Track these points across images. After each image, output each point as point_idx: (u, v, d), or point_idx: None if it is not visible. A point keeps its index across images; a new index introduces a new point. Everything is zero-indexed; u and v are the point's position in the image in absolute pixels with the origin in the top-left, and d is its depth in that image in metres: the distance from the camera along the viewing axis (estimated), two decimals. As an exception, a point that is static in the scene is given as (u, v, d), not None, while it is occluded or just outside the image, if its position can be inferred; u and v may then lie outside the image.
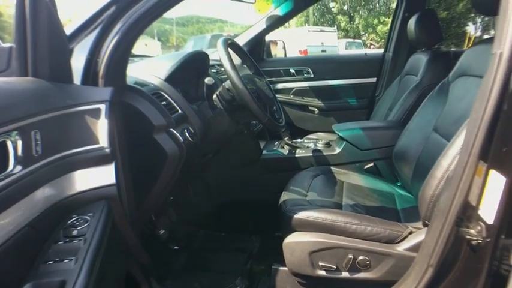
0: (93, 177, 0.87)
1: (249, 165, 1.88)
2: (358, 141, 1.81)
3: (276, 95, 2.73)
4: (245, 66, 1.77)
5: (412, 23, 2.06)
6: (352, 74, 2.74)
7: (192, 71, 1.51)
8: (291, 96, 2.78)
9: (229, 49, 1.45)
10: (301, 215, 1.29)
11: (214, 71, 2.10)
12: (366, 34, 24.34)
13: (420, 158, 1.52)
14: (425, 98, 1.86)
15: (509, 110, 0.83)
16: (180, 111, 1.31)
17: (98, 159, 0.87)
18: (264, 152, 1.90)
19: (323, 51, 13.52)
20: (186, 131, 1.26)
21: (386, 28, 22.15)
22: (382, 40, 22.03)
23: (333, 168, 1.73)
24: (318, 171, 1.70)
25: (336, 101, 2.76)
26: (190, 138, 1.25)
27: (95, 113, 0.89)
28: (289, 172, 1.77)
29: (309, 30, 14.46)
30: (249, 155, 1.86)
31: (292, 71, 2.77)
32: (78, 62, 1.02)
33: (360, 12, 25.27)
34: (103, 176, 0.88)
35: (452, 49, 2.98)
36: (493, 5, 1.05)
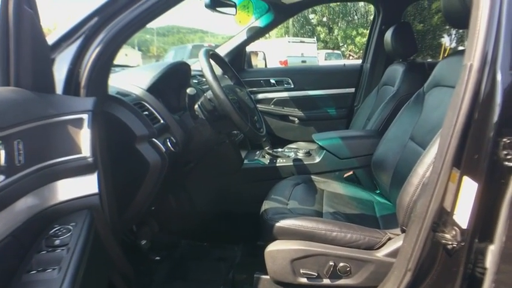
0: (76, 187, 0.87)
1: (231, 175, 1.89)
2: (337, 150, 1.85)
3: (257, 105, 2.79)
4: (226, 76, 1.80)
5: (388, 35, 2.12)
6: (331, 84, 2.80)
7: (173, 81, 1.53)
8: (272, 106, 2.82)
9: (210, 60, 1.47)
10: (283, 223, 1.30)
11: (196, 81, 2.11)
12: (345, 45, 24.72)
13: (397, 166, 1.56)
14: (401, 108, 1.92)
15: (480, 119, 0.87)
16: (162, 121, 1.31)
17: (80, 169, 0.87)
18: (246, 161, 1.91)
19: (303, 61, 13.64)
20: (168, 140, 1.27)
21: (365, 39, 22.52)
22: (361, 51, 22.44)
23: (314, 177, 1.76)
24: (298, 180, 1.72)
25: (316, 111, 2.81)
26: (172, 148, 1.26)
27: (78, 123, 0.89)
28: (270, 181, 1.79)
29: (289, 41, 14.60)
30: (231, 165, 1.88)
31: (272, 81, 2.80)
32: (60, 72, 1.02)
33: (339, 23, 25.67)
34: (86, 185, 0.88)
35: (428, 60, 3.08)
36: (463, 18, 1.10)
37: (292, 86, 2.81)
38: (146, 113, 1.26)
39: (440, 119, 1.38)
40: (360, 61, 2.93)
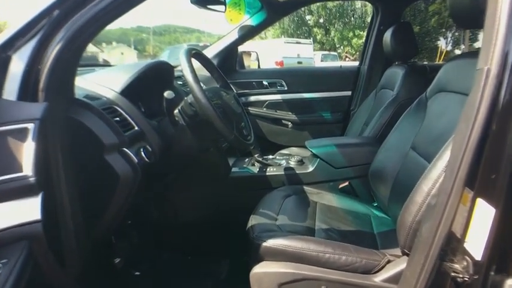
0: (13, 213, 0.72)
1: (218, 184, 1.75)
2: (332, 159, 1.72)
3: (249, 108, 2.65)
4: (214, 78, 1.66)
5: (387, 36, 2.00)
6: (326, 87, 2.67)
7: (153, 83, 1.39)
8: (264, 109, 2.68)
9: (194, 60, 1.34)
10: (270, 242, 1.17)
11: (181, 82, 1.98)
12: (341, 47, 24.71)
13: (397, 178, 1.44)
14: (401, 114, 1.79)
15: (498, 131, 0.74)
16: (136, 128, 1.18)
17: (19, 191, 0.72)
18: (234, 169, 1.77)
19: (299, 62, 13.58)
20: (142, 150, 1.13)
21: (361, 41, 22.65)
22: (357, 53, 22.42)
23: (306, 188, 1.63)
24: (289, 191, 1.59)
25: (310, 115, 2.68)
26: (146, 158, 1.13)
27: (21, 134, 0.74)
28: (260, 191, 1.66)
29: (285, 42, 14.53)
30: (217, 173, 1.74)
31: (265, 83, 2.67)
32: (15, 73, 0.89)
33: (336, 25, 25.66)
34: (25, 211, 0.73)
35: (429, 63, 2.95)
36: (474, 18, 0.97)
37: (286, 88, 2.67)
38: (117, 118, 1.12)
39: (446, 128, 1.26)
40: (356, 63, 2.80)
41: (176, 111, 1.29)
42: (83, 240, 1.06)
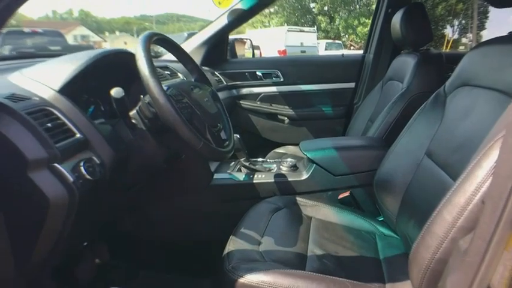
0: None
1: (196, 194, 1.50)
2: (331, 165, 1.46)
3: (241, 101, 2.39)
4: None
5: (396, 19, 1.73)
6: (327, 78, 2.40)
7: (107, 76, 1.13)
8: (258, 102, 2.42)
9: (159, 48, 1.09)
10: (248, 278, 0.92)
11: (168, 72, 1.72)
12: (346, 35, 24.35)
13: (409, 190, 1.18)
14: (413, 110, 1.53)
15: None
16: (78, 135, 0.92)
17: None
18: (216, 176, 1.52)
19: (302, 51, 13.34)
20: (82, 164, 0.88)
21: (367, 29, 22.27)
22: (362, 41, 22.05)
23: (299, 199, 1.37)
24: (280, 203, 1.34)
25: (309, 109, 2.41)
26: (87, 175, 0.87)
27: None
28: (246, 201, 1.42)
29: (288, 30, 14.23)
30: (197, 180, 1.49)
31: (259, 73, 2.41)
32: None
33: (341, 13, 25.29)
34: None
35: (444, 50, 2.64)
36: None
37: (282, 80, 2.41)
38: (49, 125, 0.87)
39: (472, 133, 0.99)
40: (361, 52, 2.52)
41: (134, 112, 1.03)
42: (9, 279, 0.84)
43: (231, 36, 2.52)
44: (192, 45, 2.25)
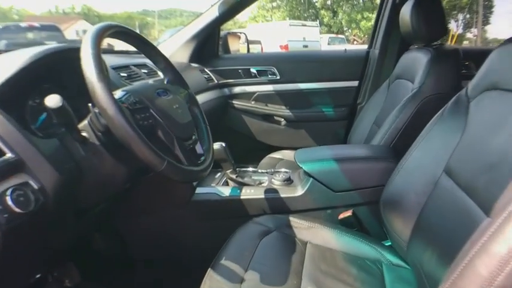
0: None
1: (175, 210, 1.30)
2: (330, 179, 1.25)
3: (233, 101, 2.19)
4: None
5: (406, 11, 1.52)
6: (328, 75, 2.19)
7: (63, 77, 0.93)
8: (252, 102, 2.22)
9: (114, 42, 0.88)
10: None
11: (145, 71, 1.52)
12: (349, 30, 24.11)
13: (424, 213, 0.99)
14: (425, 115, 1.33)
15: None
16: (9, 154, 0.72)
17: None
18: (198, 190, 1.32)
19: (305, 46, 13.16)
20: (9, 193, 0.68)
21: (370, 24, 22.08)
22: (366, 36, 21.82)
23: (293, 219, 1.18)
24: (270, 224, 1.15)
25: (308, 110, 2.21)
26: (16, 208, 0.68)
27: None
28: (232, 220, 1.23)
29: (290, 25, 14.06)
30: (175, 196, 1.29)
31: (253, 71, 2.20)
32: None
33: (344, 7, 25.05)
34: None
35: (461, 46, 2.41)
36: None
37: (278, 78, 2.20)
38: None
39: (508, 150, 0.80)
40: (366, 46, 2.32)
41: (85, 123, 0.82)
42: None
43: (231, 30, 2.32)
44: (179, 40, 2.05)
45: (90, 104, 0.79)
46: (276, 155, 1.97)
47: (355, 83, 2.18)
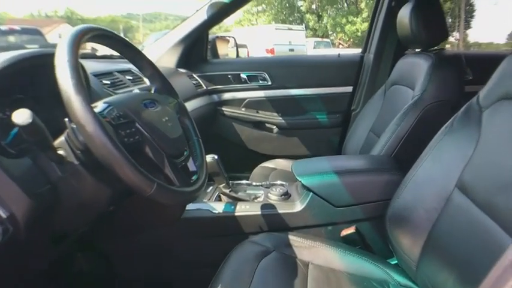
0: None
1: (165, 228, 1.21)
2: (331, 193, 1.17)
3: (223, 108, 2.10)
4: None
5: (405, 13, 1.45)
6: (321, 81, 2.11)
7: (27, 88, 0.83)
8: (242, 109, 2.13)
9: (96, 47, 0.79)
10: None
11: (130, 77, 1.42)
12: (334, 33, 24.26)
13: (436, 231, 0.92)
14: (427, 122, 1.29)
15: None
16: None
17: None
18: (189, 207, 1.22)
19: (291, 50, 13.11)
20: None
21: (355, 27, 22.24)
22: (351, 40, 21.96)
23: (293, 237, 1.09)
24: (268, 243, 1.06)
25: (301, 117, 2.13)
26: None
27: None
28: (227, 238, 1.15)
29: (276, 28, 13.99)
30: (164, 214, 1.19)
31: (243, 76, 2.11)
32: None
33: (329, 11, 25.21)
34: None
35: (463, 51, 2.35)
36: None
37: (270, 83, 2.12)
38: None
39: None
40: (351, 50, 2.25)
41: (62, 139, 0.72)
42: None
43: (216, 34, 2.24)
44: (166, 44, 1.96)
45: (66, 119, 0.69)
46: (269, 164, 1.88)
47: (349, 89, 2.11)
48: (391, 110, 1.55)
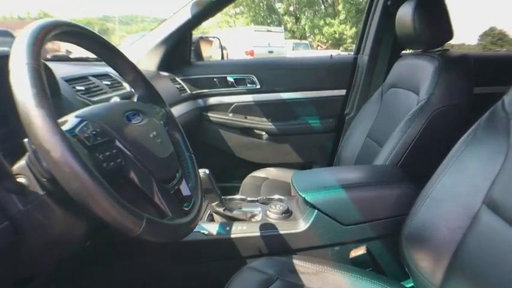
0: None
1: (152, 253, 1.06)
2: (338, 210, 1.05)
3: (208, 114, 1.98)
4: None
5: (405, 12, 1.35)
6: (313, 84, 2.01)
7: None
8: (230, 114, 2.01)
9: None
10: None
11: (108, 82, 1.27)
12: (312, 35, 24.39)
13: (462, 253, 0.81)
14: (435, 128, 1.20)
15: None
16: None
17: None
18: None
19: (270, 52, 13.13)
20: None
21: (332, 29, 22.38)
22: (329, 41, 22.12)
23: (297, 262, 0.97)
24: (270, 270, 0.94)
25: (292, 122, 2.02)
26: None
27: None
28: (222, 263, 1.03)
29: (255, 30, 14.05)
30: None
31: (230, 79, 1.99)
32: None
33: (306, 13, 25.36)
34: None
35: (471, 52, 2.26)
36: None
37: (259, 87, 2.00)
38: None
39: None
40: (330, 52, 2.15)
41: (23, 164, 0.58)
42: None
43: (195, 35, 2.10)
44: (146, 46, 1.82)
45: (26, 140, 0.54)
46: (259, 173, 1.76)
47: (343, 92, 2.01)
48: (391, 114, 1.46)
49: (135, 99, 0.82)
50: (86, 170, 0.49)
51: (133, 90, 0.83)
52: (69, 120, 0.59)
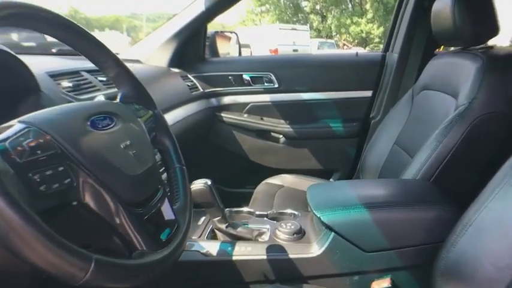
0: None
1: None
2: (360, 234, 0.89)
3: (222, 114, 1.89)
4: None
5: (444, 5, 1.19)
6: (336, 84, 1.89)
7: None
8: (245, 115, 1.92)
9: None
10: None
11: (103, 79, 1.14)
12: (338, 35, 24.16)
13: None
14: (477, 139, 1.05)
15: None
16: None
17: None
18: None
19: (295, 50, 13.08)
20: None
21: (359, 28, 22.09)
22: (356, 41, 21.83)
23: (309, 293, 0.83)
24: (277, 302, 0.79)
25: (312, 125, 1.91)
26: None
27: None
28: (221, 287, 0.88)
29: (280, 28, 14.02)
30: None
31: (246, 77, 1.89)
32: None
33: (333, 12, 25.16)
34: None
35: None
36: None
37: (277, 86, 1.89)
38: None
39: None
40: (360, 51, 2.01)
41: None
42: None
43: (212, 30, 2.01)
44: (157, 40, 1.74)
45: None
46: (274, 180, 1.64)
47: (369, 93, 1.88)
48: (423, 120, 1.31)
49: (118, 99, 0.68)
50: (7, 199, 0.36)
51: (116, 87, 0.70)
52: (14, 127, 0.46)
